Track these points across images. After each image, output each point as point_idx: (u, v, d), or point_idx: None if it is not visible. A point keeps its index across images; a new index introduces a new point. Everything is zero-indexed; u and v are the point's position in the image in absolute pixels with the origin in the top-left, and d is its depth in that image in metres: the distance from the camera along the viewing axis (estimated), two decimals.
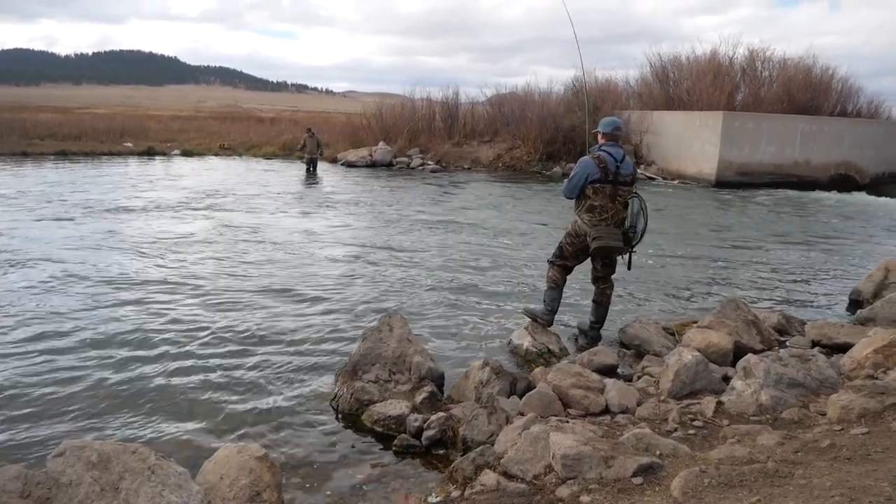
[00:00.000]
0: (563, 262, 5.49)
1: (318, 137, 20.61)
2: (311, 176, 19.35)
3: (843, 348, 4.93)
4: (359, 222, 11.56)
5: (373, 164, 22.89)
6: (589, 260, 5.49)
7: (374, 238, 10.11)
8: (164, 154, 24.74)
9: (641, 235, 5.30)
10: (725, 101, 23.20)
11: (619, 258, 5.49)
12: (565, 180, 5.39)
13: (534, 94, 26.11)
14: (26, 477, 2.41)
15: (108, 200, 12.82)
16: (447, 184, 18.66)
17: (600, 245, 5.18)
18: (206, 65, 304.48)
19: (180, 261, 8.07)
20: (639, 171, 21.39)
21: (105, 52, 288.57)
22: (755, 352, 4.57)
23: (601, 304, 5.59)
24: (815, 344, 5.24)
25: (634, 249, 5.39)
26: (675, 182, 21.10)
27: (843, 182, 20.91)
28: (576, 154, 5.54)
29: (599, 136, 5.39)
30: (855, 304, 7.08)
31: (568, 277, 5.61)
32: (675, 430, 3.41)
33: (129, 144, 25.34)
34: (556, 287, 5.52)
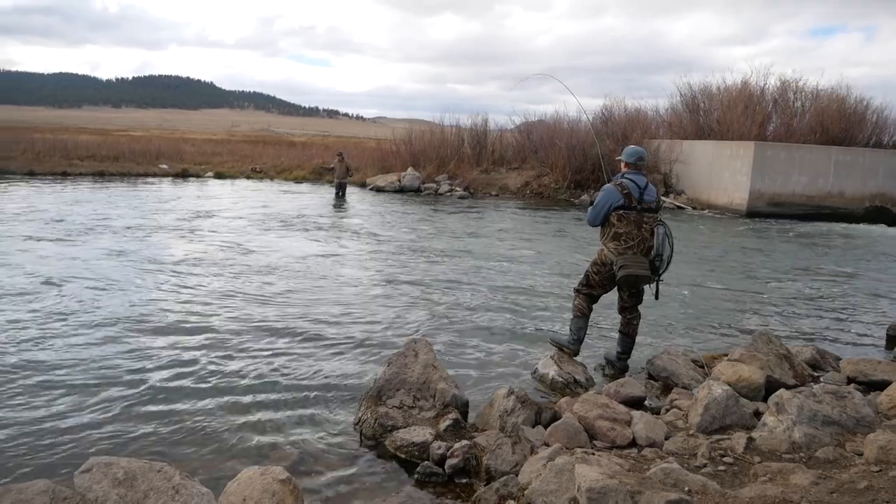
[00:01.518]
0: (590, 290, 5.45)
1: (347, 162, 20.86)
2: (340, 200, 19.56)
3: (881, 386, 4.80)
4: (385, 248, 11.61)
5: (401, 190, 23.07)
6: (616, 289, 5.44)
7: (399, 264, 10.14)
8: (197, 176, 25.25)
9: (668, 264, 5.24)
10: (756, 132, 23.01)
11: (646, 287, 5.43)
12: (590, 208, 5.38)
13: (562, 122, 26.26)
14: (54, 492, 2.44)
15: (141, 220, 13.09)
16: (475, 210, 18.71)
17: (627, 273, 5.14)
18: (240, 90, 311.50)
19: (205, 282, 8.17)
20: (668, 200, 21.41)
21: (144, 76, 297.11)
22: (788, 387, 4.47)
23: (628, 335, 5.52)
24: (850, 380, 5.11)
25: (661, 278, 5.33)
26: (706, 212, 20.89)
27: (879, 214, 20.50)
28: (604, 182, 5.55)
29: (622, 165, 5.39)
30: (892, 340, 6.90)
31: (595, 306, 5.57)
32: (705, 465, 3.33)
33: (165, 166, 25.92)
34: (583, 316, 5.47)
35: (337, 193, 20.14)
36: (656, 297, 5.41)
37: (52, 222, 12.25)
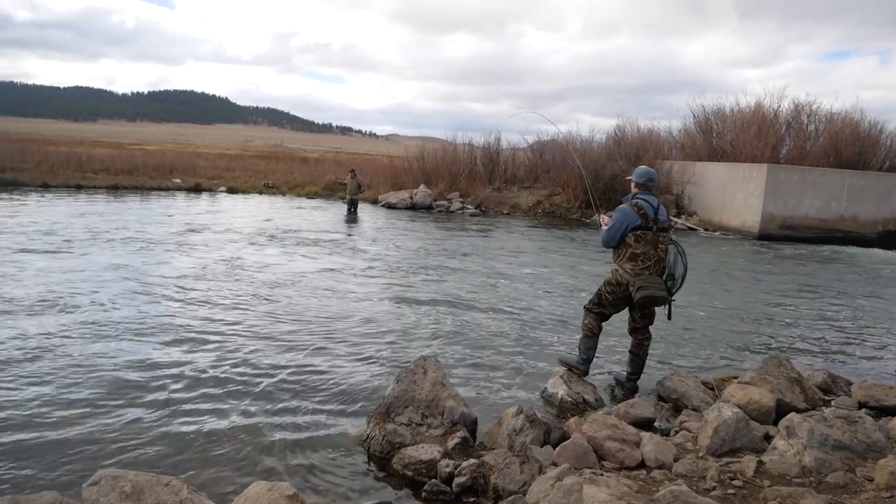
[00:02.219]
0: (601, 310, 5.43)
1: (359, 178, 21.03)
2: (352, 216, 19.66)
3: (892, 411, 4.76)
4: (394, 264, 11.64)
5: (413, 207, 23.16)
6: (626, 309, 5.43)
7: (409, 281, 10.16)
8: (210, 191, 25.47)
9: (681, 283, 5.23)
10: (769, 154, 22.99)
11: (657, 308, 5.41)
12: (603, 229, 5.37)
13: (575, 141, 26.32)
14: None
15: (152, 234, 13.20)
16: (486, 229, 18.74)
17: (645, 295, 5.10)
18: (255, 105, 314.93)
19: (214, 296, 8.21)
20: (680, 221, 21.35)
21: (160, 91, 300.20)
22: (798, 411, 4.43)
23: (638, 356, 5.50)
24: (861, 405, 5.05)
25: (674, 298, 5.32)
26: (717, 234, 20.82)
27: (892, 239, 20.36)
28: (616, 203, 5.60)
29: (633, 185, 5.39)
30: None
31: (604, 326, 5.55)
32: (714, 488, 3.31)
33: (178, 180, 26.17)
34: (592, 335, 5.45)
35: (349, 210, 20.26)
36: (669, 318, 5.39)
37: (62, 234, 12.37)
